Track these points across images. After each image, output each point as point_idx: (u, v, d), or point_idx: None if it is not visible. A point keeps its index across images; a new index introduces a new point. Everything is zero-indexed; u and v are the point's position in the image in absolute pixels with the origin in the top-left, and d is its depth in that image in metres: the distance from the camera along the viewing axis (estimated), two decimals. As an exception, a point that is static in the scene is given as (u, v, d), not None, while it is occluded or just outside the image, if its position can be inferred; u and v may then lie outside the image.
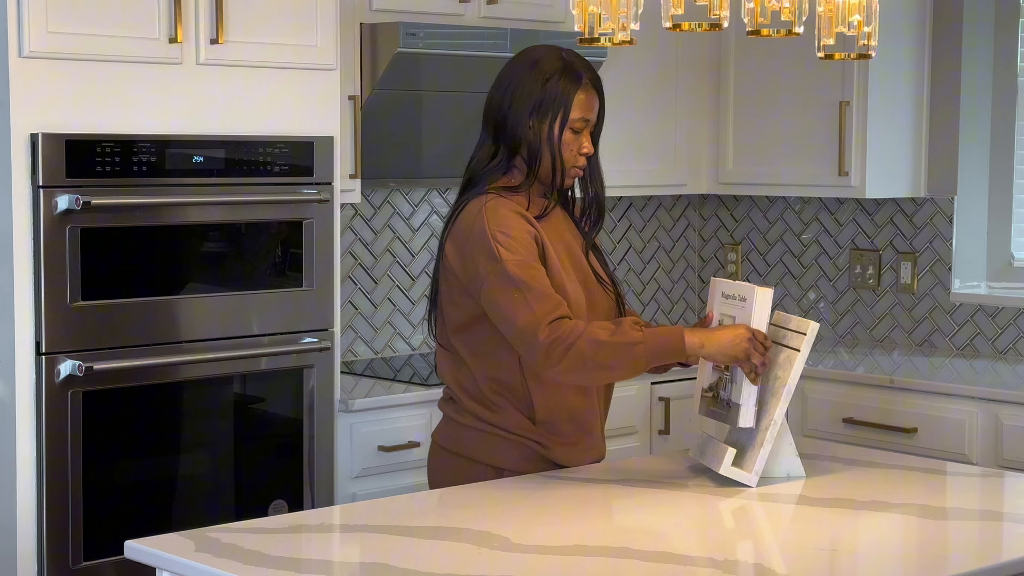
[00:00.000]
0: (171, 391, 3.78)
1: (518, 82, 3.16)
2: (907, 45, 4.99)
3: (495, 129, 3.20)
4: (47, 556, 3.57)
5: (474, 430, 3.22)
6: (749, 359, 3.04)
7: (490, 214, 3.11)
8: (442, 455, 3.28)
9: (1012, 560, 2.65)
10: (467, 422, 3.23)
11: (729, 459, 3.12)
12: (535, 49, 3.22)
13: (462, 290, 3.13)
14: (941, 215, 5.08)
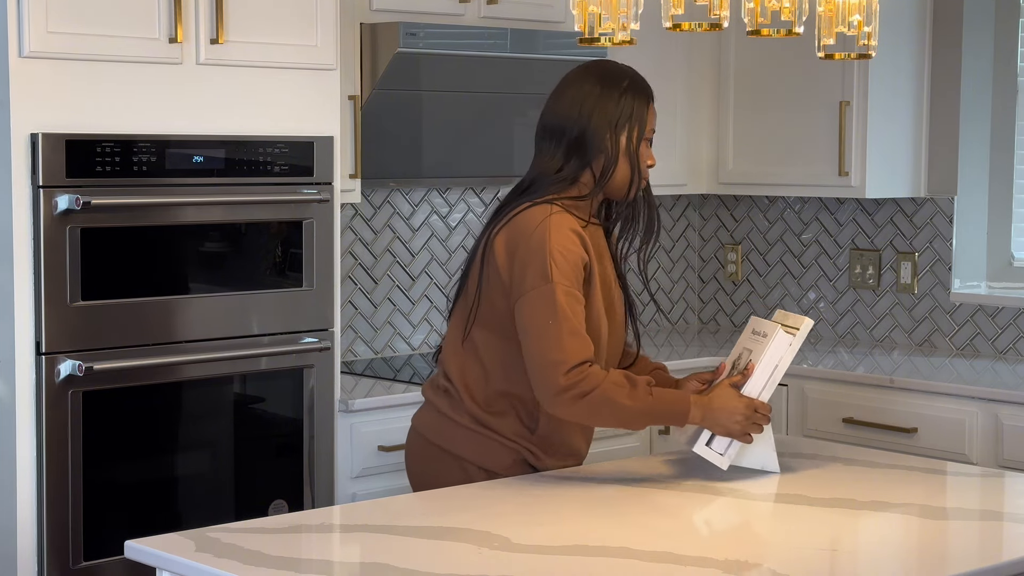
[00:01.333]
0: (171, 391, 3.78)
1: (594, 97, 3.26)
2: (907, 45, 4.99)
3: (569, 142, 3.24)
4: (47, 556, 3.57)
5: (469, 431, 3.25)
6: (744, 432, 3.17)
7: (554, 228, 3.13)
8: (429, 449, 3.30)
9: (1012, 560, 2.65)
10: (463, 422, 3.25)
11: (704, 439, 3.18)
12: (597, 65, 3.33)
13: (503, 291, 3.17)
14: (941, 215, 5.08)
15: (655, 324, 5.62)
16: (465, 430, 3.25)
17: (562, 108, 3.28)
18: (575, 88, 3.29)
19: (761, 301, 5.54)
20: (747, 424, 3.16)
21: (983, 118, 5.09)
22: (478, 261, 3.24)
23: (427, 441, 3.31)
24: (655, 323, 5.63)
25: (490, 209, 5.10)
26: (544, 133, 3.29)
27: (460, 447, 3.25)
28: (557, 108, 3.28)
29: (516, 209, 3.19)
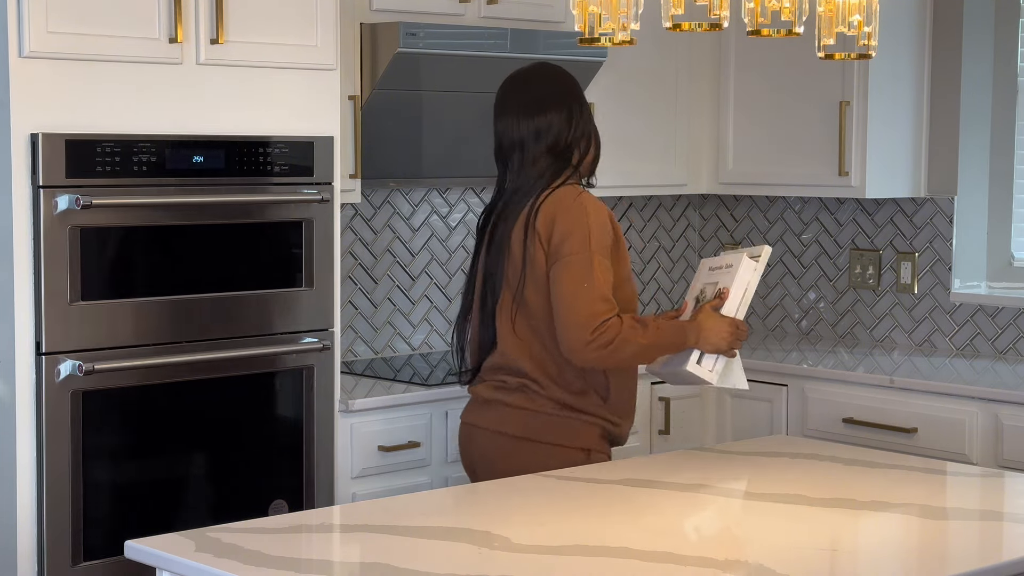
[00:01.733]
0: (171, 391, 3.78)
1: (567, 91, 3.61)
2: (907, 45, 4.99)
3: (549, 144, 3.55)
4: (47, 556, 3.57)
5: (555, 416, 3.50)
6: (731, 348, 3.50)
7: (589, 204, 3.48)
8: (520, 445, 3.50)
9: (1012, 560, 2.66)
10: (547, 409, 3.50)
11: (694, 358, 3.49)
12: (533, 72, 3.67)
13: (545, 274, 3.45)
14: (941, 215, 5.08)
15: (655, 324, 5.62)
16: (551, 416, 3.50)
17: (531, 118, 3.56)
18: (537, 97, 3.58)
19: (761, 301, 5.54)
20: (733, 340, 3.48)
21: (983, 118, 5.09)
22: (512, 255, 3.50)
23: (518, 439, 3.51)
24: (655, 323, 5.62)
25: (490, 209, 5.10)
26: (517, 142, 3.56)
27: (553, 434, 3.49)
28: (524, 120, 3.56)
29: (542, 195, 3.50)
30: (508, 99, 3.62)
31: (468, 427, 3.66)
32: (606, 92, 4.92)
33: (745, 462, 3.44)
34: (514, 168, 3.57)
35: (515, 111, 3.58)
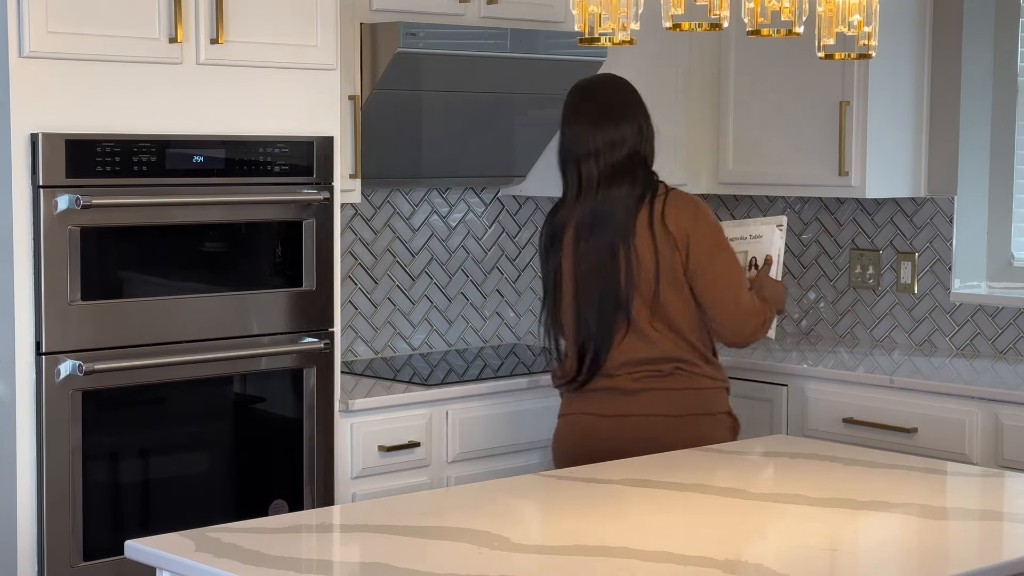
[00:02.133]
0: (171, 391, 3.78)
1: (637, 103, 3.94)
2: (907, 45, 4.99)
3: (628, 152, 3.86)
4: (47, 556, 3.57)
5: (710, 390, 3.86)
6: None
7: (703, 206, 3.87)
8: (686, 420, 3.80)
9: (1012, 560, 2.65)
10: (704, 385, 3.85)
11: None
12: (611, 78, 4.01)
13: (683, 267, 3.77)
14: (941, 215, 5.08)
15: (655, 324, 5.62)
16: (708, 391, 3.85)
17: (629, 122, 3.87)
18: (619, 105, 3.89)
19: (761, 301, 5.54)
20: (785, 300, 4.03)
21: (983, 118, 5.09)
22: (641, 259, 3.74)
23: (678, 416, 3.80)
24: (655, 323, 5.63)
25: (491, 209, 5.10)
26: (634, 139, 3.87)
27: (711, 405, 3.86)
28: (622, 124, 3.86)
29: (655, 200, 3.81)
30: (581, 108, 3.85)
31: (613, 419, 3.82)
32: (606, 92, 4.91)
33: (745, 462, 3.44)
34: (591, 176, 3.80)
35: (590, 120, 3.83)
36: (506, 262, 5.18)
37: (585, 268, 3.79)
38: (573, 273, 3.82)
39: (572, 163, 3.83)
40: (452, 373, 4.57)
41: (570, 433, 3.89)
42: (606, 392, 3.83)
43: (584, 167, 3.82)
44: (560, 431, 3.94)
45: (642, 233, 3.75)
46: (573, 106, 3.89)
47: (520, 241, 5.21)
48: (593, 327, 3.80)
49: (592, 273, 3.78)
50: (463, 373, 4.57)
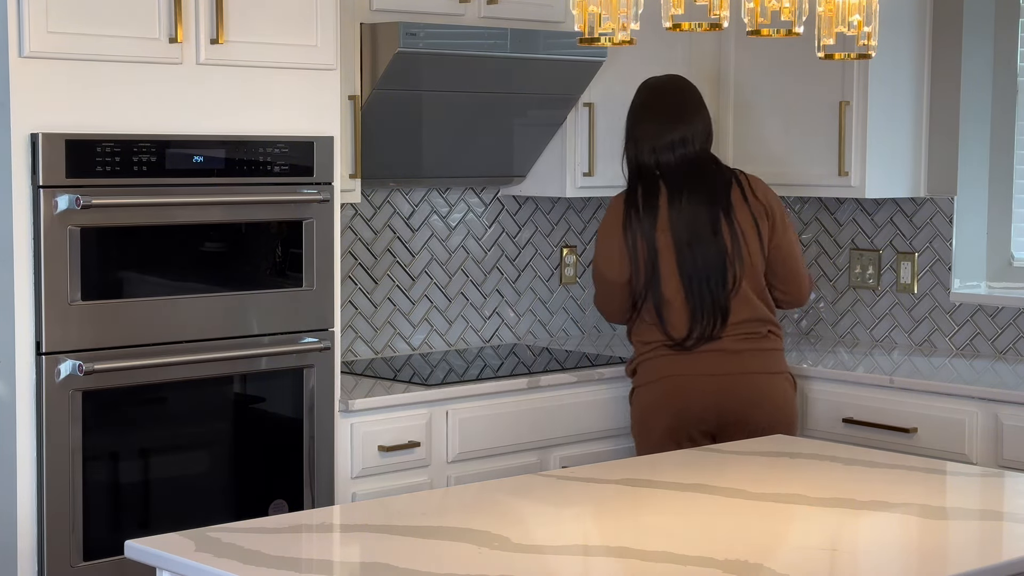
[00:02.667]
0: (171, 391, 3.78)
1: (703, 103, 4.39)
2: (907, 45, 4.99)
3: (708, 141, 4.34)
4: (47, 556, 3.57)
5: (782, 351, 4.34)
6: None
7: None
8: (782, 379, 4.28)
9: (1012, 560, 2.65)
10: (780, 345, 4.31)
11: None
12: (681, 78, 4.46)
13: (768, 237, 4.26)
14: (941, 215, 5.08)
15: (655, 324, 5.62)
16: (783, 352, 4.34)
17: (702, 112, 4.34)
18: (693, 98, 4.36)
19: (761, 301, 5.54)
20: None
21: (983, 118, 5.09)
22: (745, 233, 4.21)
23: (778, 374, 4.27)
24: (655, 323, 5.63)
25: (491, 209, 5.11)
26: (700, 133, 4.30)
27: (786, 364, 4.36)
28: (703, 113, 4.33)
29: (740, 176, 4.29)
30: (655, 106, 4.30)
31: (719, 378, 4.19)
32: (606, 92, 4.92)
33: (745, 462, 3.44)
34: (670, 164, 4.24)
35: (667, 116, 4.27)
36: (506, 262, 5.18)
37: (689, 240, 4.20)
38: (673, 247, 4.20)
39: (648, 154, 4.25)
40: (452, 373, 4.57)
41: (672, 394, 4.21)
42: (710, 353, 4.21)
43: (663, 157, 4.24)
44: (656, 395, 4.25)
45: (739, 206, 4.23)
46: (646, 103, 4.33)
47: (520, 241, 5.21)
48: (707, 293, 4.19)
49: (698, 244, 4.19)
50: (463, 373, 4.57)
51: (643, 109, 4.33)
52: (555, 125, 4.85)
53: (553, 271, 5.31)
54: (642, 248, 4.22)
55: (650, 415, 4.28)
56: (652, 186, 4.25)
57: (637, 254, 4.23)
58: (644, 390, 4.30)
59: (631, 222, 4.24)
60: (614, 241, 4.27)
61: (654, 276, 4.21)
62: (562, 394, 4.54)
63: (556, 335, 5.33)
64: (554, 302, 5.33)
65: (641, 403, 4.32)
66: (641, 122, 4.30)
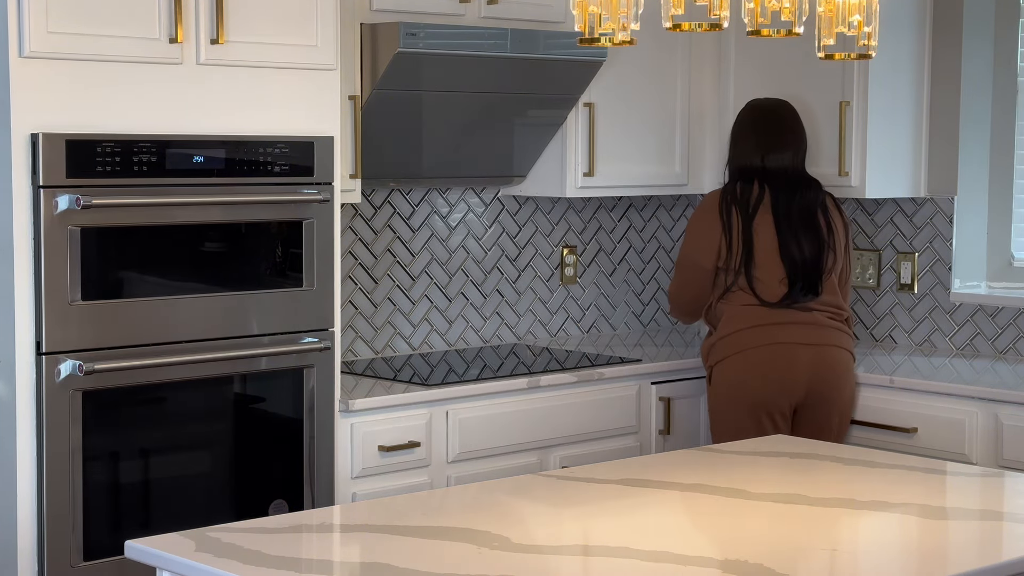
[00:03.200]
0: (171, 391, 3.78)
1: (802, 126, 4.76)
2: (907, 45, 4.99)
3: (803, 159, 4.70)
4: (47, 556, 3.57)
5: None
6: None
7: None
8: (851, 360, 4.58)
9: (1012, 560, 2.65)
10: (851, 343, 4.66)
11: None
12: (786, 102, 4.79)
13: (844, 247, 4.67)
14: (941, 215, 5.08)
15: (655, 324, 5.62)
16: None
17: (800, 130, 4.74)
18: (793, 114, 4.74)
19: (761, 301, 5.54)
20: None
21: (983, 118, 5.09)
22: (837, 235, 4.59)
23: (851, 354, 4.58)
24: (655, 323, 5.63)
25: (491, 209, 5.11)
26: (802, 152, 4.68)
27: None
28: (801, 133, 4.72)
29: (824, 195, 4.61)
30: (760, 125, 4.66)
31: (814, 347, 4.48)
32: (606, 92, 4.92)
33: (745, 462, 3.44)
34: (778, 167, 4.59)
35: (789, 133, 4.66)
36: (506, 262, 5.18)
37: (790, 222, 4.53)
38: (774, 227, 4.52)
39: (753, 158, 4.59)
40: (452, 373, 4.57)
41: (769, 363, 4.45)
42: (805, 325, 4.49)
43: (767, 162, 4.58)
44: (751, 363, 4.46)
45: (832, 210, 4.60)
46: (756, 118, 4.68)
47: (520, 241, 5.21)
48: (803, 271, 4.51)
49: (800, 230, 4.52)
50: (463, 373, 4.58)
51: (752, 122, 4.68)
52: (555, 125, 4.84)
53: (553, 271, 5.32)
54: (739, 228, 4.52)
55: (739, 387, 4.49)
56: (750, 183, 4.58)
57: (733, 235, 4.52)
58: (735, 360, 4.51)
59: (728, 207, 4.54)
60: (708, 226, 4.56)
61: (750, 256, 4.51)
62: (562, 394, 4.54)
63: (556, 335, 5.33)
64: (554, 302, 5.33)
65: (728, 375, 4.52)
66: (750, 132, 4.65)
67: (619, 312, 5.51)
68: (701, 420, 4.90)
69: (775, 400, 4.45)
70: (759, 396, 4.46)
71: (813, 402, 4.48)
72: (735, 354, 4.51)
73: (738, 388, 4.49)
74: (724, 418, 4.52)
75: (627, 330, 5.54)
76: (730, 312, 4.55)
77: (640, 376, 4.74)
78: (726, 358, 4.52)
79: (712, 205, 4.60)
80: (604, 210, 5.44)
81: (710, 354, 4.58)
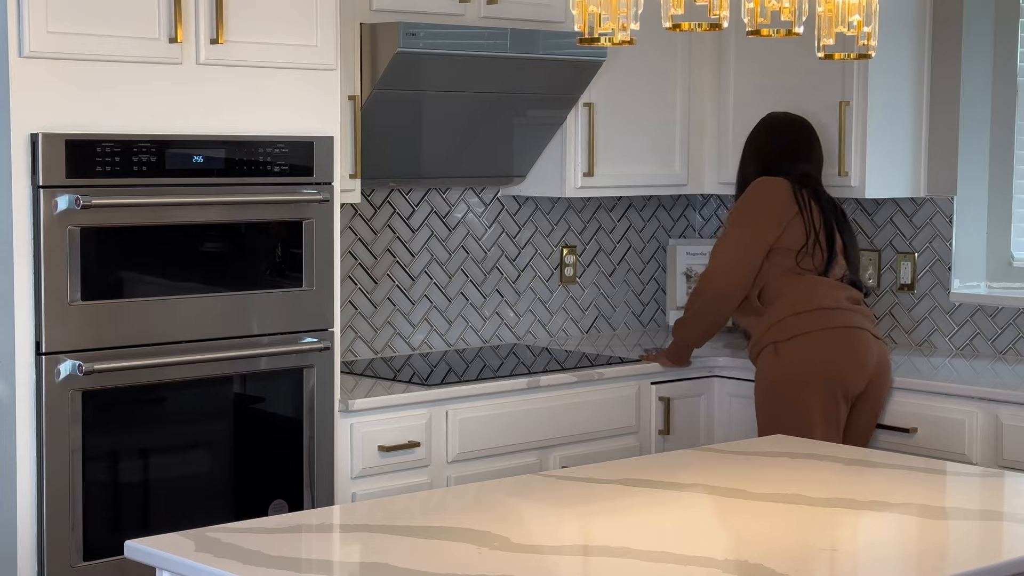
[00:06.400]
0: (171, 391, 3.78)
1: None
2: (907, 45, 4.99)
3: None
4: (47, 556, 3.57)
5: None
6: None
7: None
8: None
9: (1012, 560, 2.66)
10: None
11: None
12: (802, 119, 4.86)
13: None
14: (941, 215, 5.08)
15: (655, 324, 5.62)
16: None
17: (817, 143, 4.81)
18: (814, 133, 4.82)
19: (761, 301, 5.54)
20: None
21: (983, 118, 5.09)
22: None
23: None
24: (655, 323, 5.63)
25: (491, 209, 5.11)
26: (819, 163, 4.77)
27: None
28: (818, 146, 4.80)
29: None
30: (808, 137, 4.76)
31: (874, 338, 4.50)
32: (606, 92, 4.92)
33: (745, 462, 3.44)
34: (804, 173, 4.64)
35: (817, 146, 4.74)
36: (506, 262, 5.18)
37: (836, 220, 4.61)
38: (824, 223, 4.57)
39: (779, 163, 4.66)
40: (452, 373, 4.57)
41: (849, 342, 4.44)
42: (868, 318, 4.54)
43: (800, 167, 4.64)
44: (831, 342, 4.43)
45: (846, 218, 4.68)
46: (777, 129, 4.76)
47: (520, 241, 5.21)
48: (856, 266, 4.64)
49: (839, 223, 4.60)
50: (463, 373, 4.58)
51: (773, 131, 4.77)
52: (555, 125, 4.85)
53: (553, 271, 5.32)
54: (816, 210, 4.55)
55: (816, 365, 4.43)
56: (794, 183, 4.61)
57: (813, 216, 4.54)
58: (812, 338, 4.46)
59: (800, 189, 4.56)
60: (781, 206, 4.55)
61: (831, 240, 4.56)
62: (562, 394, 4.54)
63: (556, 335, 5.34)
64: (554, 302, 5.33)
65: (805, 353, 4.45)
66: (783, 136, 4.74)
67: (619, 312, 5.52)
68: (701, 420, 4.90)
69: (851, 382, 4.42)
70: (839, 375, 4.41)
71: (869, 394, 4.47)
72: (815, 331, 4.46)
73: (814, 366, 4.43)
74: (791, 397, 4.44)
75: (627, 330, 5.54)
76: (803, 290, 4.51)
77: (640, 376, 4.74)
78: (800, 335, 4.46)
79: (782, 188, 4.58)
80: (604, 210, 5.44)
81: (773, 330, 4.49)
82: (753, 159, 4.74)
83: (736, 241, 4.56)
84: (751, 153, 4.76)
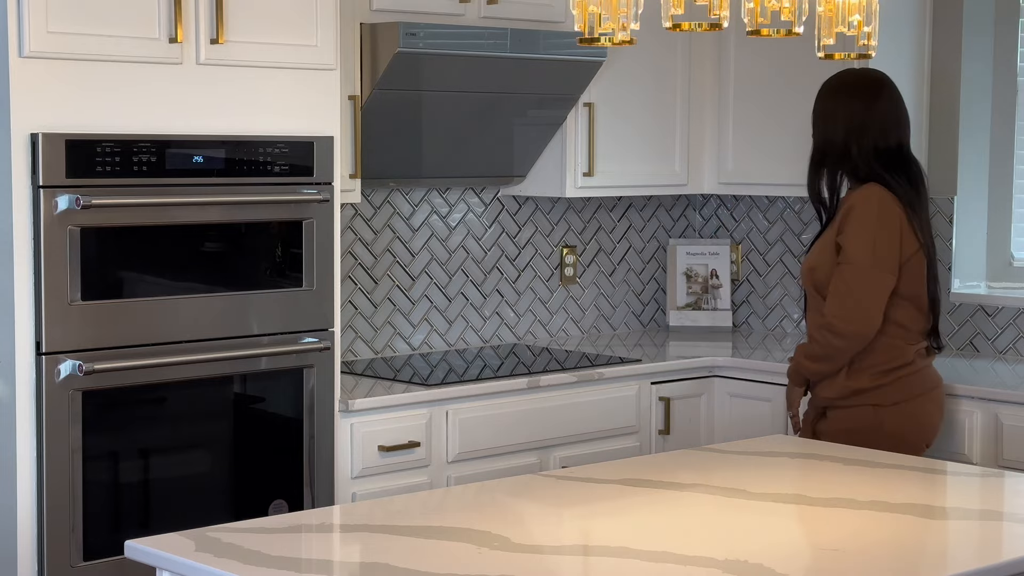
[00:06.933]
0: (171, 391, 3.78)
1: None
2: (907, 45, 4.99)
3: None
4: (47, 556, 3.57)
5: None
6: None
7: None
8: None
9: (1012, 560, 2.66)
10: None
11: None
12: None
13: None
14: (941, 215, 5.08)
15: (655, 324, 5.62)
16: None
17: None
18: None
19: (761, 301, 5.54)
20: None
21: (983, 118, 5.09)
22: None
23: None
24: (655, 323, 5.63)
25: (491, 209, 5.11)
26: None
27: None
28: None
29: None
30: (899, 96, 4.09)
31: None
32: (606, 92, 4.92)
33: (745, 462, 3.44)
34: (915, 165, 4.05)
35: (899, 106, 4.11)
36: (506, 262, 5.18)
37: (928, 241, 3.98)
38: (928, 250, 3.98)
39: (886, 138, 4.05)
40: (452, 373, 4.57)
41: (940, 406, 4.05)
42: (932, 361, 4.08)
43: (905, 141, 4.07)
44: (933, 408, 4.02)
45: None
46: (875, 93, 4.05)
47: (520, 241, 5.21)
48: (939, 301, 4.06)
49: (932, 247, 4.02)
50: (463, 373, 4.58)
51: (878, 92, 4.03)
52: (555, 125, 4.85)
53: (553, 271, 5.32)
54: (927, 240, 3.95)
55: (918, 435, 3.96)
56: (899, 175, 3.96)
57: (929, 245, 3.95)
58: (922, 403, 3.99)
59: (915, 213, 3.92)
60: (903, 228, 3.90)
61: (927, 274, 3.94)
62: (562, 394, 4.54)
63: (556, 335, 5.34)
64: (554, 302, 5.33)
65: (913, 421, 3.96)
66: (882, 102, 4.03)
67: (619, 312, 5.52)
68: (701, 420, 4.90)
69: (927, 446, 4.02)
70: (927, 443, 4.00)
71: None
72: (916, 397, 3.96)
73: (917, 436, 3.96)
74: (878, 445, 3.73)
75: (627, 330, 5.54)
76: (906, 339, 3.96)
77: (640, 376, 4.75)
78: (909, 400, 3.95)
79: (895, 205, 3.90)
80: (604, 210, 5.44)
81: (872, 391, 3.94)
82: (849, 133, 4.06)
83: (867, 266, 3.89)
84: (841, 125, 4.08)
